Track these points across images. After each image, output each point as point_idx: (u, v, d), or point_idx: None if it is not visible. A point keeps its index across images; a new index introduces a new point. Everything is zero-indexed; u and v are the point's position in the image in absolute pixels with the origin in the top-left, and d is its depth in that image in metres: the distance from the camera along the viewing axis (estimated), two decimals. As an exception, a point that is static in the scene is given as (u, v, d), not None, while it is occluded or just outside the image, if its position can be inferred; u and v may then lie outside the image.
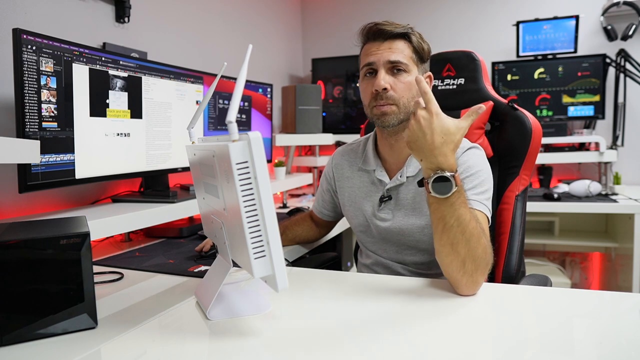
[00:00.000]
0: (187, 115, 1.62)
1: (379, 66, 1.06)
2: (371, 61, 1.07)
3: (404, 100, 1.06)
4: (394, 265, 1.17)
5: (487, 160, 1.12)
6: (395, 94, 1.06)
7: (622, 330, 0.74)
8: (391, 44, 1.06)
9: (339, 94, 2.97)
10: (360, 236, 1.26)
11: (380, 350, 0.69)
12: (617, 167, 2.62)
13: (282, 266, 0.68)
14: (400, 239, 1.14)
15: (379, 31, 1.07)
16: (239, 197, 0.66)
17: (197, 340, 0.75)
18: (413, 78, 1.06)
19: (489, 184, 1.06)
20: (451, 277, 0.90)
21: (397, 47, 1.06)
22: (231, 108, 0.68)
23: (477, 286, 0.90)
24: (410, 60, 1.07)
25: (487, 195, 1.04)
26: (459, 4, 2.96)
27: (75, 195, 1.50)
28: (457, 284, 0.90)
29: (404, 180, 1.13)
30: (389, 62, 1.05)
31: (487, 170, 1.08)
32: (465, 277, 0.88)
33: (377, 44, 1.07)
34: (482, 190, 1.03)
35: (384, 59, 1.05)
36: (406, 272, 1.17)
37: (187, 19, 2.09)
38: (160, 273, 1.15)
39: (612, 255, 2.58)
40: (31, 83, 1.10)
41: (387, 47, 1.06)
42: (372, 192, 1.19)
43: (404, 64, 1.06)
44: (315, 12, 3.30)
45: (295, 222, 1.40)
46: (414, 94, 1.07)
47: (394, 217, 1.14)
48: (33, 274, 0.74)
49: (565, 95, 2.61)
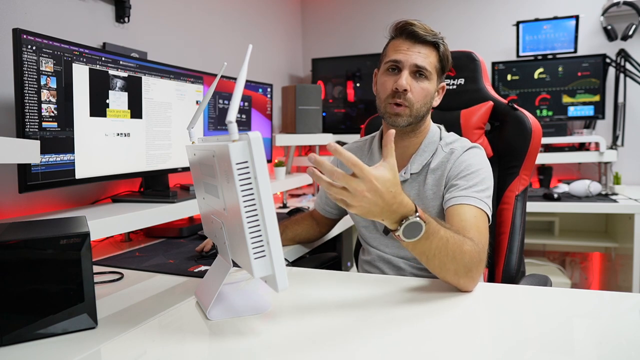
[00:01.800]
0: (187, 115, 1.62)
1: (404, 66, 1.08)
2: (398, 59, 1.09)
3: (417, 105, 1.09)
4: (396, 260, 1.18)
5: (487, 159, 1.13)
6: (413, 97, 1.08)
7: (622, 330, 0.74)
8: (421, 48, 1.09)
9: (339, 94, 2.97)
10: (363, 232, 1.26)
11: (381, 350, 0.69)
12: (617, 167, 2.62)
13: (282, 266, 0.68)
14: None
15: (412, 32, 1.09)
16: (239, 197, 0.66)
17: (197, 340, 0.75)
18: (432, 86, 1.11)
19: (489, 183, 1.07)
20: (450, 282, 0.93)
21: (425, 53, 1.09)
22: (231, 108, 0.68)
23: (475, 281, 0.93)
24: (434, 68, 1.10)
25: (487, 194, 1.05)
26: (459, 4, 2.96)
27: (75, 195, 1.50)
28: (457, 286, 0.93)
29: (408, 177, 1.16)
30: (415, 66, 1.08)
31: (488, 169, 1.09)
32: (462, 279, 0.91)
33: (408, 44, 1.09)
34: (481, 189, 1.04)
35: (411, 61, 1.08)
36: (408, 267, 1.17)
37: (187, 19, 2.09)
38: (160, 273, 1.15)
39: (612, 255, 2.58)
40: (31, 83, 1.10)
41: (416, 51, 1.08)
42: None
43: (428, 71, 1.09)
44: (315, 12, 3.30)
45: (295, 221, 1.39)
46: (427, 101, 1.11)
47: None
48: (33, 274, 0.74)
49: (565, 95, 2.61)
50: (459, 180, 1.07)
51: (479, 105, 1.39)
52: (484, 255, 0.93)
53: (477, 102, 1.41)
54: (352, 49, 3.05)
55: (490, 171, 1.10)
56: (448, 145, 1.15)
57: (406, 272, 1.17)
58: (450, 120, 1.36)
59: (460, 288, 0.93)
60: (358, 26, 3.15)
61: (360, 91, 2.92)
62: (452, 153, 1.13)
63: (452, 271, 0.90)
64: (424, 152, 1.16)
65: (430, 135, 1.18)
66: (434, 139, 1.17)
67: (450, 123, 1.34)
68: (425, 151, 1.16)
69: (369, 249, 1.25)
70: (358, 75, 2.91)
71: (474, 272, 0.91)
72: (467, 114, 1.39)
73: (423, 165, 1.15)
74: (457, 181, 1.07)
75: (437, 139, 1.17)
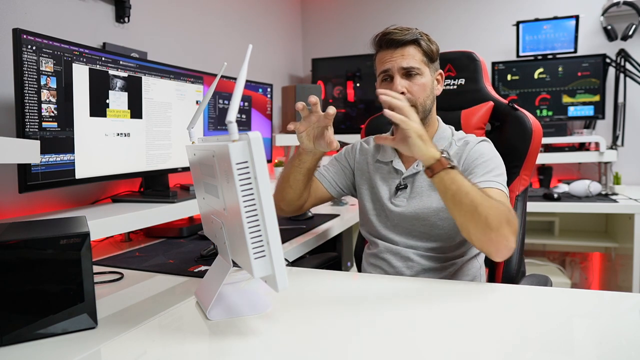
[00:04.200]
0: (187, 115, 1.62)
1: (394, 72, 1.14)
2: (386, 68, 1.15)
3: (420, 101, 1.15)
4: (405, 250, 1.18)
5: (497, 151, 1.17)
6: (412, 96, 1.14)
7: (622, 330, 0.74)
8: (403, 50, 1.14)
9: (339, 94, 2.96)
10: (373, 221, 1.25)
11: (381, 350, 0.69)
12: (617, 167, 2.62)
13: (282, 266, 0.68)
14: (414, 224, 1.18)
15: (390, 40, 1.14)
16: (239, 197, 0.66)
17: (197, 340, 0.75)
18: (427, 79, 1.16)
19: (502, 169, 1.12)
20: (480, 239, 0.94)
21: (408, 54, 1.14)
22: (231, 108, 0.68)
23: (507, 241, 0.93)
24: (421, 63, 1.15)
25: (502, 178, 1.10)
26: (460, 5, 2.96)
27: (75, 195, 1.50)
28: (488, 244, 0.94)
29: (420, 168, 1.19)
30: (403, 69, 1.13)
31: (499, 158, 1.15)
32: (493, 233, 0.92)
33: (390, 52, 1.15)
34: (497, 174, 1.09)
35: (398, 66, 1.13)
36: (417, 256, 1.17)
37: (187, 19, 2.09)
38: (160, 273, 1.15)
39: (612, 255, 2.57)
40: (31, 83, 1.10)
41: (399, 55, 1.14)
42: (389, 179, 1.24)
43: (417, 68, 1.14)
44: (315, 12, 3.30)
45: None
46: (428, 94, 1.16)
47: (408, 204, 1.19)
48: (33, 274, 0.74)
49: (565, 95, 2.61)
50: (477, 168, 1.11)
51: (479, 106, 1.39)
52: (512, 217, 0.95)
53: (478, 102, 1.41)
54: (352, 49, 3.04)
55: (501, 160, 1.15)
56: (461, 139, 1.20)
57: (415, 263, 1.17)
58: (450, 120, 1.36)
59: (493, 246, 0.93)
60: (358, 26, 3.15)
61: (360, 91, 2.92)
62: (467, 144, 1.17)
63: (483, 217, 0.91)
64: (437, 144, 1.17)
65: (441, 131, 1.23)
66: (445, 134, 1.22)
67: (450, 123, 1.34)
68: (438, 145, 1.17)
69: (377, 242, 1.24)
70: (358, 75, 2.91)
71: (504, 227, 0.92)
72: (467, 114, 1.39)
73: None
74: (475, 169, 1.11)
75: (450, 135, 1.22)
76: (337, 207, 2.14)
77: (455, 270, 1.18)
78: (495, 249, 0.94)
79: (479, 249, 0.96)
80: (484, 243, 0.95)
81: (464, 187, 0.94)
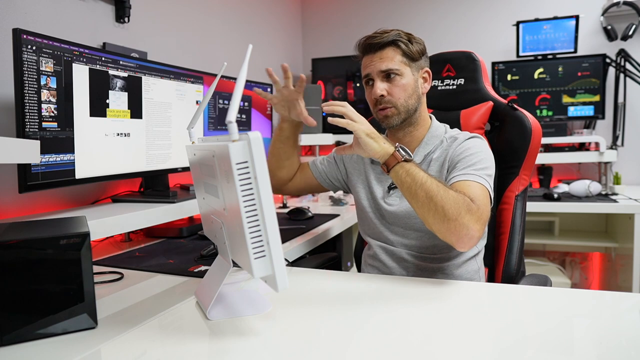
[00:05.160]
0: (187, 115, 1.62)
1: (374, 76, 1.17)
2: (367, 72, 1.18)
3: (401, 101, 1.16)
4: (399, 251, 1.20)
5: (488, 147, 1.16)
6: (393, 97, 1.16)
7: (622, 330, 0.74)
8: (381, 53, 1.16)
9: (339, 94, 2.96)
10: (369, 218, 1.26)
11: (381, 350, 0.69)
12: (617, 167, 2.62)
13: (282, 266, 0.68)
14: (407, 222, 1.18)
15: (369, 45, 1.17)
16: (239, 197, 0.66)
17: (197, 340, 0.76)
18: (408, 79, 1.16)
19: (488, 163, 1.10)
20: (439, 229, 0.94)
21: (387, 56, 1.15)
22: (231, 108, 0.68)
23: (467, 230, 0.92)
24: (401, 64, 1.16)
25: (487, 172, 1.07)
26: (459, 5, 2.96)
27: (75, 195, 1.50)
28: (448, 234, 0.94)
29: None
30: (381, 72, 1.15)
31: (488, 152, 1.13)
32: (451, 222, 0.92)
33: (370, 56, 1.17)
34: (481, 167, 1.07)
35: (377, 69, 1.16)
36: (410, 257, 1.18)
37: (187, 19, 2.09)
38: (160, 273, 1.15)
39: (612, 255, 2.58)
40: (31, 83, 1.10)
41: (378, 58, 1.16)
42: (383, 178, 1.25)
43: (396, 69, 1.15)
44: (315, 12, 3.30)
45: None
46: (410, 93, 1.16)
47: (400, 202, 1.19)
48: (33, 274, 0.74)
49: (565, 95, 2.61)
50: (459, 163, 1.10)
51: (479, 106, 1.39)
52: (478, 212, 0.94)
53: (477, 102, 1.41)
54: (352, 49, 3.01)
55: (491, 156, 1.13)
56: (452, 137, 1.20)
57: (409, 264, 1.18)
58: (450, 120, 1.36)
59: (453, 236, 0.93)
60: (358, 26, 3.14)
61: (360, 91, 2.92)
62: (455, 140, 1.17)
63: (439, 207, 0.92)
64: (427, 144, 1.20)
65: (433, 129, 1.22)
66: (437, 133, 1.22)
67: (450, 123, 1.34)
68: (429, 143, 1.21)
69: (373, 242, 1.25)
70: (358, 75, 2.91)
71: (464, 215, 0.91)
72: (467, 114, 1.39)
73: (425, 154, 1.20)
74: (458, 163, 1.11)
75: (442, 133, 1.22)
76: (337, 207, 2.14)
77: (451, 271, 1.17)
78: (456, 239, 0.93)
79: (442, 240, 0.96)
80: (444, 233, 0.94)
81: (419, 178, 0.96)
